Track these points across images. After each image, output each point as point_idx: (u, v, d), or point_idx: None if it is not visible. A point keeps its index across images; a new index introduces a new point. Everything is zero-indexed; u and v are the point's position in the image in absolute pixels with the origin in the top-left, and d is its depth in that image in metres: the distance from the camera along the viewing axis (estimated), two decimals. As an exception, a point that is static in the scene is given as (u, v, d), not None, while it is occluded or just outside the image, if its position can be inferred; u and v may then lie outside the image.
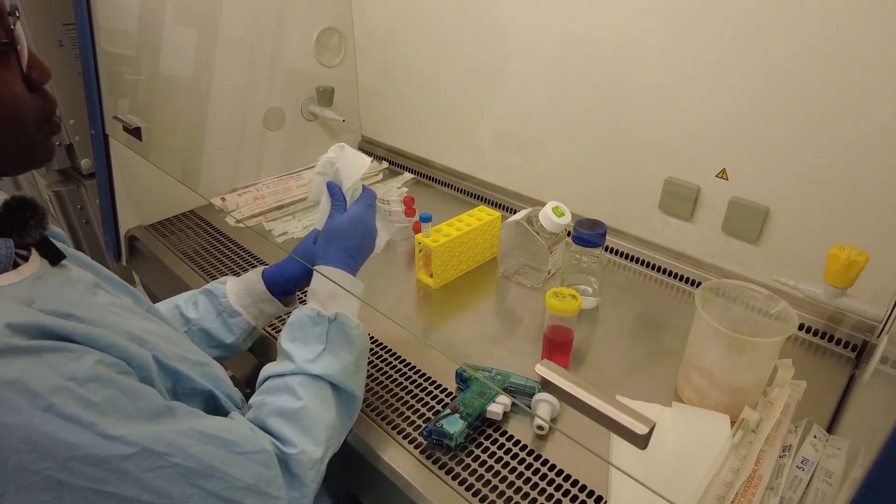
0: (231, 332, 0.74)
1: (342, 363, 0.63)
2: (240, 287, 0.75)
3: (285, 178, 1.28)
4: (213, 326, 0.74)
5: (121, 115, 1.00)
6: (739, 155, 0.85)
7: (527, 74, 1.07)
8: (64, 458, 0.41)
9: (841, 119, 0.74)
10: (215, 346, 0.74)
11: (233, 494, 0.49)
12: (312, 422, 0.58)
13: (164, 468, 0.45)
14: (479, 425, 0.69)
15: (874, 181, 0.74)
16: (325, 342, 0.63)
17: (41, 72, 0.50)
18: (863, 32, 0.70)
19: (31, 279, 0.48)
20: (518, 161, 1.16)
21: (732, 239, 0.89)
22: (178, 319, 0.74)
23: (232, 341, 0.74)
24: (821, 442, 0.64)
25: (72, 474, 0.42)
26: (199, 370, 0.58)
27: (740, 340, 0.64)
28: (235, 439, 0.51)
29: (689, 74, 0.86)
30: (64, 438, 0.41)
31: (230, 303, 0.74)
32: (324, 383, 0.61)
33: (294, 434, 0.57)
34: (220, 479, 0.49)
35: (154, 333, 0.55)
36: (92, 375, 0.44)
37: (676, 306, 0.93)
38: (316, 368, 0.61)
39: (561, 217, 0.88)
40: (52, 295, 0.49)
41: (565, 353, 0.78)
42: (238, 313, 0.74)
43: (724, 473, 0.60)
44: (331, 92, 1.28)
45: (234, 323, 0.74)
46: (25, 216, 0.50)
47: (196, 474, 0.47)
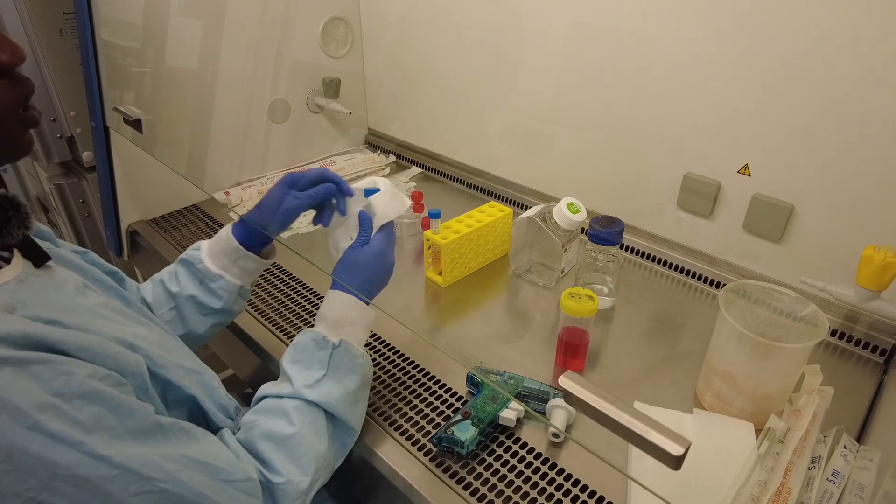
0: (217, 297, 0.71)
1: (341, 391, 0.60)
2: (215, 249, 0.71)
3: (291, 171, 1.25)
4: (197, 294, 0.70)
5: (121, 107, 0.97)
6: (763, 150, 0.81)
7: (539, 66, 1.03)
8: (47, 478, 0.39)
9: (871, 111, 0.71)
10: (207, 313, 0.72)
11: None
12: (303, 451, 0.56)
13: (150, 493, 0.43)
14: (492, 432, 0.66)
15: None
16: (327, 368, 0.60)
17: (12, 54, 0.46)
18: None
19: (14, 283, 0.46)
20: (529, 155, 1.12)
21: (754, 237, 0.86)
22: (164, 296, 0.71)
23: (221, 306, 0.71)
24: (851, 453, 0.61)
25: (54, 494, 0.40)
26: (191, 378, 0.55)
27: (767, 345, 0.61)
28: (223, 467, 0.49)
29: (709, 66, 0.82)
30: (48, 458, 0.39)
31: (207, 267, 0.71)
32: (319, 411, 0.59)
33: (282, 462, 0.54)
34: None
35: (146, 339, 0.52)
36: (81, 391, 0.41)
37: (695, 307, 0.89)
38: (314, 395, 0.58)
39: (576, 214, 0.85)
40: (37, 299, 0.46)
41: (581, 355, 0.75)
42: (219, 276, 0.71)
43: (751, 486, 0.57)
44: (337, 83, 1.25)
45: (217, 287, 0.71)
46: (6, 215, 0.47)
47: (183, 501, 0.45)
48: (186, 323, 0.71)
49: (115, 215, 1.12)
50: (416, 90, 1.28)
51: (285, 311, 0.87)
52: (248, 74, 1.15)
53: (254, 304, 0.88)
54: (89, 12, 0.93)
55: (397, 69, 1.30)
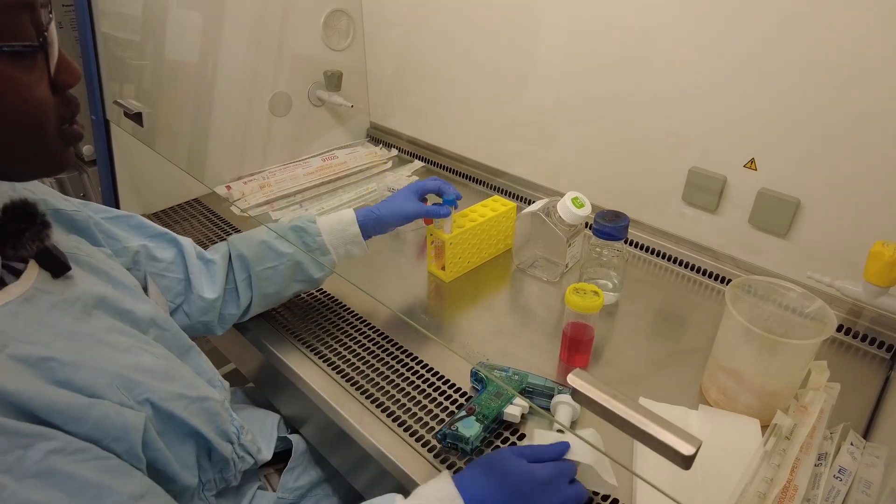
0: (321, 269, 0.78)
1: None
2: (334, 228, 0.78)
3: (292, 165, 1.24)
4: (304, 261, 0.76)
5: (122, 100, 0.96)
6: (769, 144, 0.81)
7: (543, 59, 1.02)
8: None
9: (879, 103, 0.70)
10: (302, 279, 0.78)
11: None
12: None
13: None
14: (496, 428, 0.66)
15: (917, 172, 0.70)
16: None
17: (69, 75, 0.46)
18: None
19: (16, 303, 0.44)
20: (533, 149, 1.11)
21: (760, 233, 0.85)
22: (268, 254, 0.75)
23: (319, 276, 0.79)
24: (858, 449, 0.61)
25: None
26: (197, 407, 0.54)
27: (774, 342, 0.60)
28: None
29: (715, 59, 0.81)
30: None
31: (324, 242, 0.77)
32: None
33: None
34: None
35: (149, 371, 0.50)
36: (35, 470, 0.37)
37: (700, 302, 0.89)
38: None
39: (581, 208, 0.84)
40: (34, 327, 0.43)
41: (585, 352, 0.74)
42: (328, 252, 0.77)
43: (757, 483, 0.57)
44: (339, 76, 1.24)
45: (324, 261, 0.77)
46: (19, 227, 0.45)
47: None
48: (283, 281, 0.76)
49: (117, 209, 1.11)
50: (419, 83, 1.27)
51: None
52: (249, 67, 1.14)
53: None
54: (89, 5, 0.92)
55: (399, 62, 1.29)
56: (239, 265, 0.74)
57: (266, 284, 0.75)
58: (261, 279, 0.74)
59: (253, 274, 0.74)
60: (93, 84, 0.99)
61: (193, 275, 0.71)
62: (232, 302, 0.75)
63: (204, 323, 0.74)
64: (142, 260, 0.67)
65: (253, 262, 0.74)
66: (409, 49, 1.25)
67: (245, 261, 0.74)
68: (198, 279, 0.72)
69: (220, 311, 0.75)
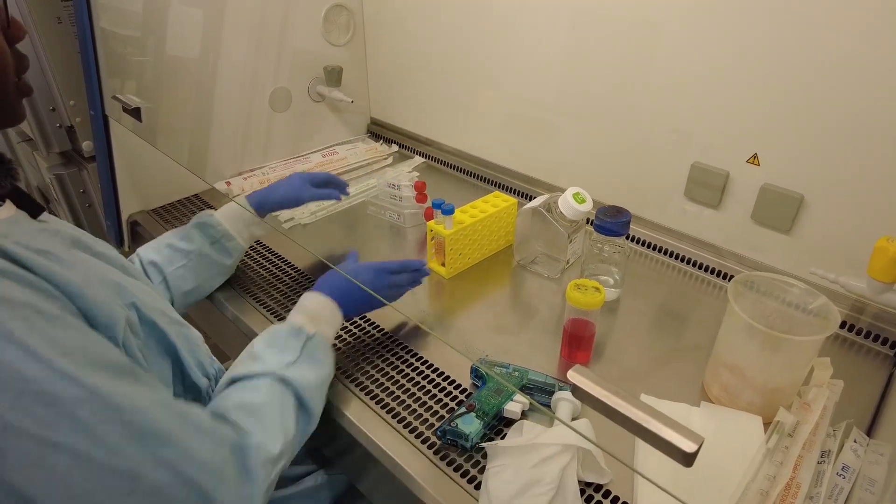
0: (229, 254, 0.84)
1: (311, 377, 0.61)
2: (232, 215, 0.84)
3: (292, 161, 1.24)
4: (211, 252, 0.82)
5: (120, 95, 0.96)
6: (772, 139, 0.80)
7: (544, 55, 1.01)
8: (16, 393, 0.39)
9: (883, 98, 0.69)
10: (216, 270, 0.84)
11: (185, 468, 0.45)
12: (273, 420, 0.56)
13: (118, 423, 0.42)
14: (496, 425, 0.65)
15: (922, 167, 0.69)
16: (300, 354, 0.62)
17: (18, 29, 0.52)
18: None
19: (6, 222, 0.48)
20: (534, 145, 1.11)
21: (763, 228, 0.84)
22: (175, 255, 0.80)
23: (230, 263, 0.85)
24: (861, 447, 0.60)
25: (22, 415, 0.39)
26: (176, 329, 0.58)
27: (778, 338, 0.60)
28: (192, 416, 0.48)
29: (717, 54, 0.80)
30: (19, 370, 0.39)
31: (226, 229, 0.83)
32: (288, 391, 0.59)
33: (253, 427, 0.54)
34: (175, 448, 0.45)
35: (134, 286, 0.55)
36: (57, 314, 0.43)
37: (701, 298, 0.88)
38: (286, 373, 0.59)
39: (582, 204, 0.84)
40: (28, 235, 0.48)
41: (586, 348, 0.74)
42: (233, 237, 0.84)
43: (759, 481, 0.56)
44: (339, 72, 1.23)
45: (231, 247, 0.84)
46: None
47: (152, 437, 0.44)
48: (197, 277, 0.81)
49: (116, 205, 1.11)
50: (419, 79, 1.26)
51: (276, 294, 0.86)
52: (249, 63, 1.14)
53: (247, 287, 0.87)
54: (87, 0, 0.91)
55: (400, 57, 1.28)
56: (152, 271, 0.78)
57: (181, 283, 0.79)
58: (175, 279, 0.78)
59: (167, 275, 0.78)
60: (91, 79, 0.98)
61: None
62: None
63: None
64: None
65: (164, 264, 0.78)
66: (409, 44, 1.24)
67: (156, 266, 0.78)
68: None
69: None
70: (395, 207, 1.05)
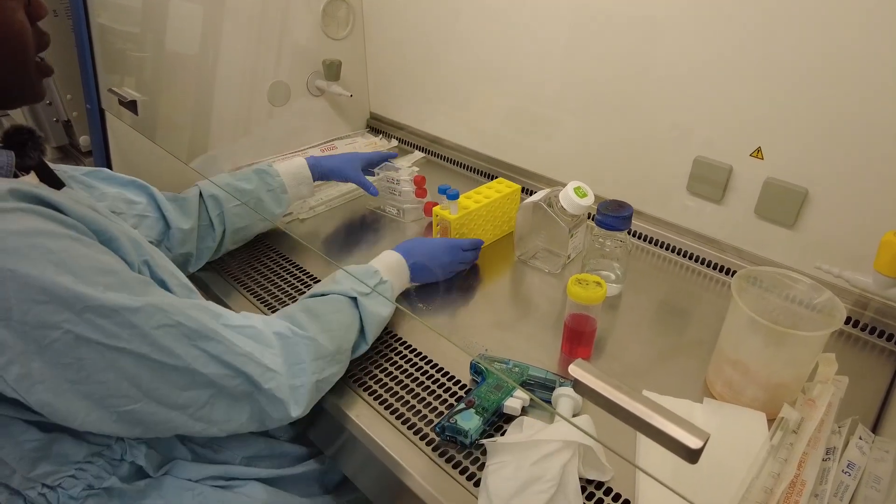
0: (280, 205, 0.91)
1: (375, 311, 0.70)
2: (287, 170, 0.92)
3: (290, 156, 1.22)
4: (266, 198, 0.89)
5: (116, 88, 0.95)
6: (776, 132, 0.79)
7: (545, 49, 1.00)
8: (80, 309, 0.45)
9: (888, 90, 0.68)
10: (265, 218, 0.90)
11: (231, 359, 0.53)
12: (332, 326, 0.63)
13: (168, 326, 0.50)
14: (496, 421, 0.64)
15: (929, 160, 0.68)
16: (372, 290, 0.71)
17: (39, 6, 0.54)
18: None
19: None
20: (535, 139, 1.10)
21: (766, 223, 0.83)
22: (236, 193, 0.85)
23: (279, 212, 0.92)
24: (867, 444, 0.59)
25: (88, 328, 0.45)
26: (185, 293, 0.61)
27: (782, 333, 0.59)
28: (225, 315, 0.56)
29: (720, 46, 0.79)
30: (77, 290, 0.45)
31: (283, 181, 0.91)
32: (356, 314, 0.68)
33: (312, 326, 0.61)
34: (219, 342, 0.53)
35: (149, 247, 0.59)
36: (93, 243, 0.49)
37: (704, 294, 0.87)
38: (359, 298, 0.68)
39: (583, 198, 0.83)
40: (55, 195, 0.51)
41: (587, 343, 0.73)
42: (286, 191, 0.91)
43: (764, 478, 0.55)
44: (338, 66, 1.22)
45: (283, 199, 0.91)
46: (23, 138, 0.54)
47: (197, 335, 0.52)
48: (251, 217, 0.88)
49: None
50: (419, 73, 1.25)
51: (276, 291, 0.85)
52: (247, 56, 1.13)
53: (244, 283, 0.86)
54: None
55: (400, 51, 1.27)
56: (211, 203, 0.84)
57: (236, 220, 0.86)
58: (232, 214, 0.85)
59: (225, 210, 0.84)
60: (87, 73, 0.97)
61: (167, 211, 0.79)
62: (208, 236, 0.85)
63: (183, 255, 0.83)
64: (120, 205, 0.75)
65: (224, 200, 0.85)
66: (409, 38, 1.23)
67: (216, 199, 0.84)
68: (172, 214, 0.79)
69: (196, 245, 0.84)
70: (394, 202, 1.04)
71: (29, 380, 0.45)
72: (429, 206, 1.00)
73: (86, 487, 0.56)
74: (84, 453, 0.55)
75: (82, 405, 0.48)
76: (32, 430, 0.51)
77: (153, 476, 0.61)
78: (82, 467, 0.56)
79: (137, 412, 0.50)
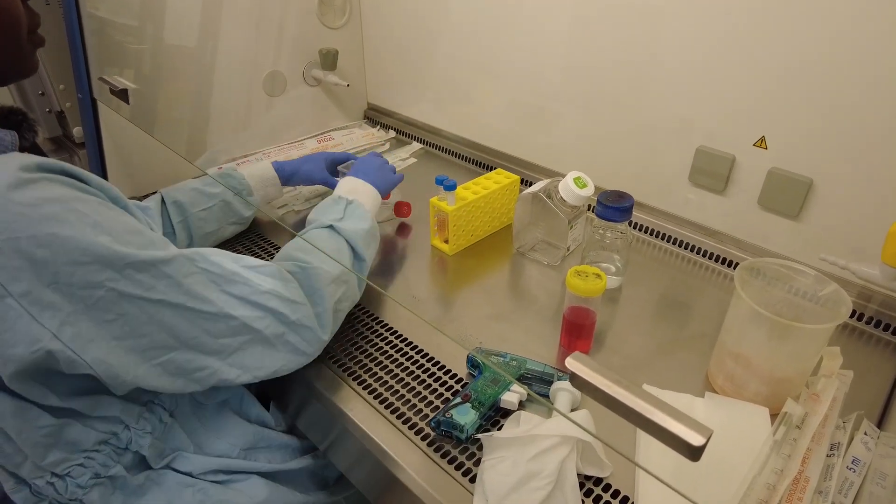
0: (248, 207, 0.91)
1: (356, 227, 0.72)
2: (252, 173, 0.92)
3: (287, 147, 1.21)
4: (233, 201, 0.88)
5: (107, 77, 0.93)
6: (780, 121, 0.77)
7: (545, 39, 0.98)
8: (120, 267, 0.48)
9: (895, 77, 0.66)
10: (234, 221, 0.90)
11: (259, 298, 0.56)
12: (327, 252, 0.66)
13: (197, 274, 0.53)
14: (493, 415, 0.63)
15: (937, 149, 0.66)
16: (343, 214, 0.73)
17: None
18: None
19: None
20: (534, 130, 1.08)
21: (770, 214, 0.82)
22: (201, 198, 0.85)
23: (248, 216, 0.92)
24: (872, 439, 0.58)
25: (129, 283, 0.48)
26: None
27: (786, 326, 0.57)
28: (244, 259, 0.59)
29: (723, 33, 0.77)
30: (116, 249, 0.47)
31: (248, 184, 0.90)
32: (340, 238, 0.70)
33: (312, 258, 0.64)
34: (244, 284, 0.56)
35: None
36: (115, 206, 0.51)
37: (706, 287, 0.86)
38: (334, 224, 0.71)
39: (583, 188, 0.81)
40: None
41: (587, 336, 0.71)
42: (252, 193, 0.91)
43: (766, 474, 0.54)
44: (334, 55, 1.20)
45: (251, 201, 0.91)
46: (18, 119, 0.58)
47: (222, 279, 0.55)
48: (218, 221, 0.87)
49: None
50: (418, 63, 1.23)
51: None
52: (242, 45, 1.11)
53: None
54: (73, -22, 0.89)
55: (398, 41, 1.25)
56: (174, 210, 0.82)
57: (203, 224, 0.85)
58: (198, 219, 0.84)
59: (189, 216, 0.83)
60: (78, 60, 0.95)
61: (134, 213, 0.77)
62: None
63: None
64: None
65: (188, 205, 0.83)
66: (407, 28, 1.21)
67: (180, 205, 0.83)
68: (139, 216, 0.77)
69: None
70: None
71: (81, 339, 0.47)
72: (399, 206, 0.98)
73: (93, 476, 0.57)
74: (92, 441, 0.56)
75: (131, 360, 0.50)
76: (45, 416, 0.53)
77: (155, 468, 0.61)
78: (90, 455, 0.57)
79: (175, 360, 0.53)
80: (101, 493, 0.57)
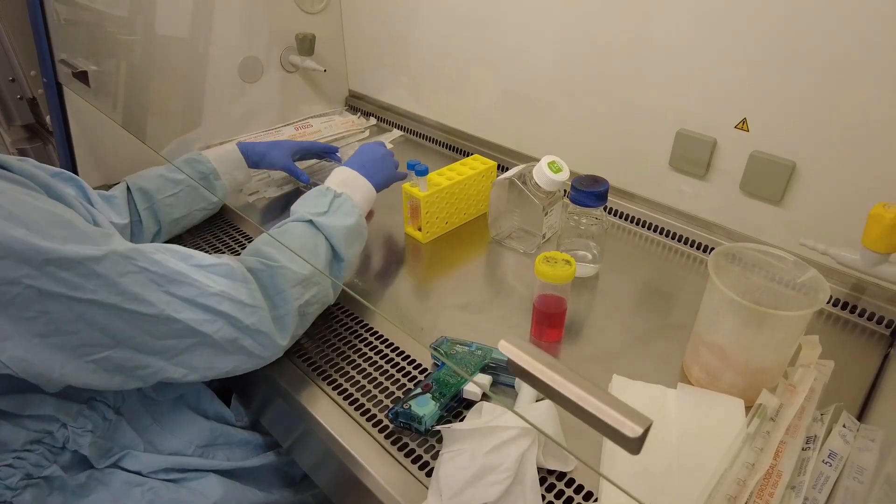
0: (216, 191, 0.87)
1: (339, 224, 0.67)
2: (218, 156, 0.88)
3: (262, 134, 1.18)
4: (199, 186, 0.85)
5: (67, 59, 0.90)
6: (762, 103, 0.74)
7: (527, 23, 0.95)
8: (39, 263, 0.44)
9: (879, 56, 0.63)
10: (203, 207, 0.87)
11: (207, 301, 0.53)
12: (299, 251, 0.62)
13: (134, 273, 0.49)
14: (455, 406, 0.60)
15: (923, 129, 0.63)
16: (328, 208, 0.69)
17: None
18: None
19: None
20: (516, 116, 1.05)
21: (752, 199, 0.79)
22: (167, 184, 0.82)
23: (216, 200, 0.88)
24: (851, 432, 0.55)
25: (50, 281, 0.44)
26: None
27: (762, 314, 0.54)
28: (195, 256, 0.55)
29: (704, 14, 0.74)
30: (34, 243, 0.43)
31: (215, 167, 0.87)
32: (320, 235, 0.66)
33: (280, 256, 0.60)
34: (190, 285, 0.52)
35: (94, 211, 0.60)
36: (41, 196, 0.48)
37: (686, 275, 0.83)
38: (315, 219, 0.66)
39: (558, 173, 0.78)
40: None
41: (557, 325, 0.68)
42: (220, 176, 0.87)
43: (737, 469, 0.51)
44: (311, 39, 1.17)
45: (218, 185, 0.87)
46: None
47: (166, 280, 0.51)
48: (186, 206, 0.84)
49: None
50: (400, 49, 1.20)
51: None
52: (217, 29, 1.07)
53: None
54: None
55: (380, 26, 1.21)
56: (140, 197, 0.80)
57: (171, 210, 0.82)
58: (165, 206, 0.81)
59: (156, 203, 0.81)
60: (41, 43, 0.92)
61: (98, 205, 0.74)
62: (138, 234, 0.81)
63: None
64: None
65: (154, 192, 0.81)
66: (389, 13, 1.18)
67: (146, 192, 0.80)
68: (103, 209, 0.75)
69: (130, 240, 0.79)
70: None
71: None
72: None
73: (24, 477, 0.53)
74: (22, 440, 0.53)
75: (56, 357, 0.47)
76: None
77: (98, 467, 0.58)
78: (20, 455, 0.53)
79: (113, 358, 0.49)
80: (34, 494, 0.53)
